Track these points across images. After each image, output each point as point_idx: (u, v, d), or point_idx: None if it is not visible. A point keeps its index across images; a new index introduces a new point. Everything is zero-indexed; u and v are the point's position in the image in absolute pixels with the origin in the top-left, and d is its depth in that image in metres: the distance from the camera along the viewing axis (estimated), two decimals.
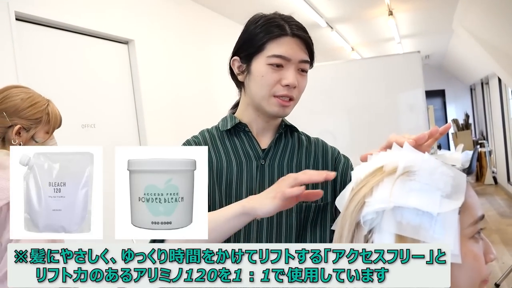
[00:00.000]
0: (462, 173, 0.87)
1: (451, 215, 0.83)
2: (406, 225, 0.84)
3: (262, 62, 1.56)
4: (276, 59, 1.54)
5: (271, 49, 1.55)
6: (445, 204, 0.83)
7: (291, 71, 1.55)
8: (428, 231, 0.83)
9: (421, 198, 0.83)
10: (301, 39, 1.57)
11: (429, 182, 0.84)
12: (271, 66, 1.55)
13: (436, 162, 0.87)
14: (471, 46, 7.60)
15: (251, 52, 1.59)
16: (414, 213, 0.83)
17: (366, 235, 0.88)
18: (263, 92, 1.58)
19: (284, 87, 1.56)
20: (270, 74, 1.55)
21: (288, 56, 1.54)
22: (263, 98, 1.59)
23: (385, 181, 0.87)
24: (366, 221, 0.87)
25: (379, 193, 0.86)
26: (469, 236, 0.88)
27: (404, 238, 0.85)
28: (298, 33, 1.57)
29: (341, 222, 0.92)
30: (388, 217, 0.85)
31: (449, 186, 0.84)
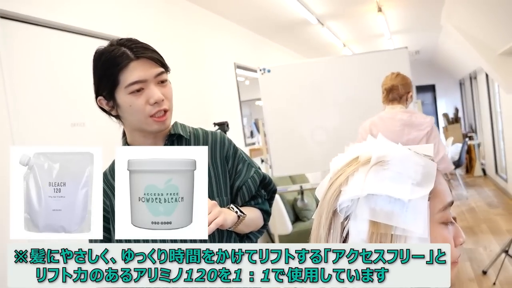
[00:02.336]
0: (433, 162, 0.90)
1: (421, 202, 0.85)
2: (379, 211, 0.85)
3: (124, 93, 1.57)
4: (134, 86, 1.55)
5: (125, 80, 1.55)
6: (416, 191, 0.85)
7: (152, 89, 1.57)
8: (400, 216, 0.85)
9: (393, 186, 0.85)
10: (147, 58, 1.58)
11: (401, 171, 0.86)
12: (133, 93, 1.56)
13: (408, 152, 0.90)
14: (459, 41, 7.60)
15: (110, 89, 1.59)
16: (387, 200, 0.85)
17: (342, 222, 0.89)
18: (138, 117, 1.60)
19: (153, 105, 1.58)
20: (136, 101, 1.57)
21: (143, 79, 1.56)
22: (140, 122, 1.61)
23: (360, 170, 0.89)
24: (342, 209, 0.88)
25: (354, 182, 0.88)
26: (439, 221, 0.89)
27: (378, 224, 0.86)
28: (140, 53, 1.58)
29: (319, 210, 0.94)
30: (362, 205, 0.87)
31: (420, 174, 0.86)
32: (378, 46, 10.59)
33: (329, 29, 7.79)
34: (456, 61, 11.64)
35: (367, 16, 7.35)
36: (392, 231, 0.85)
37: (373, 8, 6.79)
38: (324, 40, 8.69)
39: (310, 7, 6.27)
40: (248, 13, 6.15)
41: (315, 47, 9.49)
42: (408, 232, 0.85)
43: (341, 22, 7.70)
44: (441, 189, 0.90)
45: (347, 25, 8.02)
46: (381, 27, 8.13)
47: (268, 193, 1.91)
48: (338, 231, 0.89)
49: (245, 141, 6.24)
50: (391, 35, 9.24)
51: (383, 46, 10.55)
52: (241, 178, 1.79)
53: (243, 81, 6.48)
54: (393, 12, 7.31)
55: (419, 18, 8.06)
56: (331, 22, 7.52)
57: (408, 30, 9.28)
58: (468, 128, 13.87)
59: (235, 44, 6.44)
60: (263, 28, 7.07)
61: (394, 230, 0.85)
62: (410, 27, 8.98)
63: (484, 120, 10.84)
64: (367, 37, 9.63)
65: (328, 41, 8.82)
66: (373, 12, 6.98)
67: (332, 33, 8.14)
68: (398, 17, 7.79)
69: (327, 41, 8.89)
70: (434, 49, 12.37)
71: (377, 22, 7.65)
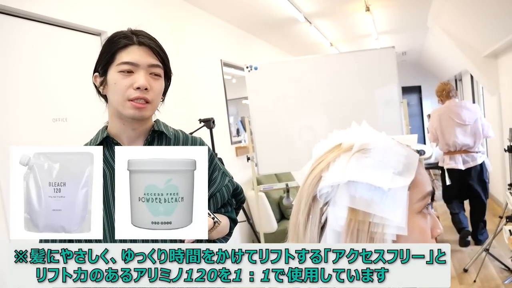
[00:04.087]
0: (415, 153, 0.89)
1: (400, 191, 0.85)
2: (359, 199, 0.85)
3: (114, 70, 1.60)
4: (124, 65, 1.59)
5: (120, 58, 1.60)
6: (396, 181, 0.85)
7: (141, 75, 1.59)
8: (379, 205, 0.84)
9: (374, 174, 0.85)
10: (148, 47, 1.63)
11: (383, 159, 0.86)
12: (122, 73, 1.59)
13: (391, 141, 0.89)
14: (445, 43, 7.63)
15: (105, 64, 1.63)
16: (367, 188, 0.85)
17: (321, 208, 0.89)
18: (118, 97, 1.60)
19: (136, 90, 1.58)
20: (121, 80, 1.59)
21: (135, 62, 1.59)
22: (118, 103, 1.61)
23: (341, 157, 0.89)
24: (322, 195, 0.88)
25: (335, 168, 0.88)
26: (417, 211, 0.89)
27: (356, 211, 0.85)
28: (144, 41, 1.63)
29: (299, 195, 0.93)
30: (342, 191, 0.86)
31: (401, 164, 0.86)
32: (365, 46, 10.53)
33: (317, 27, 7.74)
34: (442, 62, 11.66)
35: (355, 15, 7.32)
36: (370, 219, 0.85)
37: (361, 7, 6.77)
38: (311, 38, 8.64)
39: (298, 5, 6.23)
40: (235, 10, 6.09)
41: (302, 46, 9.45)
42: (386, 221, 0.84)
43: (328, 21, 7.66)
44: (421, 179, 0.90)
45: (334, 24, 7.98)
46: (368, 27, 8.09)
47: (237, 203, 1.95)
48: (317, 217, 0.89)
49: (231, 139, 6.19)
50: (378, 36, 9.20)
51: (370, 46, 10.47)
52: (216, 185, 1.81)
53: (230, 79, 6.40)
54: (380, 12, 7.29)
55: (406, 18, 8.04)
56: (319, 21, 7.47)
57: (395, 31, 9.26)
58: None
59: (222, 41, 6.35)
60: (251, 25, 7.00)
61: (372, 218, 0.84)
62: (397, 28, 8.96)
63: None
64: (354, 37, 9.59)
65: (315, 40, 8.77)
66: (361, 11, 6.96)
67: (319, 32, 8.08)
68: (386, 17, 7.77)
69: (314, 40, 8.84)
70: (420, 51, 12.37)
71: (365, 22, 7.62)
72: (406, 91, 14.34)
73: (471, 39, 6.80)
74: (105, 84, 1.64)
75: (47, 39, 3.12)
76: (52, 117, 3.05)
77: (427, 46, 11.17)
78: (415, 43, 11.06)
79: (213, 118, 4.31)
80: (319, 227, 0.89)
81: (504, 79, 6.86)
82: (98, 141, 1.68)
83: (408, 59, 13.51)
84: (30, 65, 2.94)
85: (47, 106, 3.02)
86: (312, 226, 0.89)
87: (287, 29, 7.68)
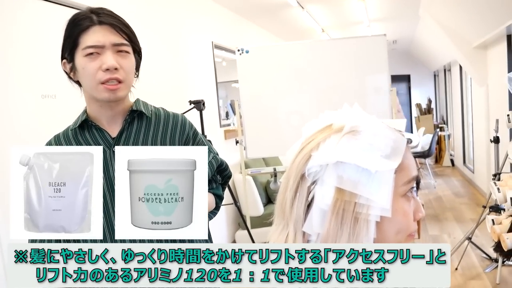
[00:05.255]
0: (403, 137, 0.91)
1: (387, 174, 0.86)
2: (346, 179, 0.86)
3: (81, 55, 1.56)
4: (89, 49, 1.54)
5: (83, 42, 1.55)
6: (383, 164, 0.86)
7: (108, 55, 1.55)
8: (365, 186, 0.85)
9: (362, 156, 0.86)
10: (110, 25, 1.58)
11: (372, 142, 0.87)
12: (88, 56, 1.55)
13: (381, 125, 0.90)
14: (435, 33, 7.61)
15: (70, 50, 1.59)
16: (355, 169, 0.86)
17: (309, 187, 0.89)
18: (89, 82, 1.58)
19: (105, 71, 1.55)
20: (89, 64, 1.55)
21: (99, 44, 1.55)
22: (91, 88, 1.59)
23: (331, 137, 0.90)
24: (310, 173, 0.89)
25: (325, 148, 0.89)
26: (402, 194, 0.90)
27: (343, 191, 0.86)
28: (105, 19, 1.57)
29: (288, 173, 0.94)
30: (330, 171, 0.87)
31: (389, 148, 0.87)
32: (356, 33, 10.38)
33: (309, 13, 7.62)
34: (432, 52, 11.65)
35: (347, 1, 7.20)
36: (356, 199, 0.85)
37: None
38: (303, 24, 8.52)
39: None
40: None
41: (294, 31, 9.34)
42: (371, 202, 0.85)
43: (321, 7, 7.55)
44: (407, 164, 0.91)
45: (327, 10, 7.86)
46: (360, 13, 7.98)
47: (223, 178, 1.93)
48: (304, 195, 0.90)
49: (220, 122, 6.13)
50: (370, 23, 9.11)
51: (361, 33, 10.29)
52: None
53: (220, 62, 6.33)
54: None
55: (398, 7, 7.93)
56: (311, 6, 7.37)
57: (387, 19, 9.16)
58: (440, 119, 13.94)
59: (214, 24, 6.28)
60: (243, 8, 6.90)
61: (358, 198, 0.85)
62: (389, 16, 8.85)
63: (456, 112, 10.94)
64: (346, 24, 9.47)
65: (307, 25, 8.65)
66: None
67: (311, 17, 7.97)
68: (378, 4, 7.65)
69: (306, 25, 8.72)
70: (411, 40, 12.28)
71: (357, 8, 7.52)
72: (395, 80, 14.27)
73: (461, 29, 6.79)
74: (75, 69, 1.61)
75: (37, 15, 3.05)
76: (41, 94, 3.00)
77: (418, 36, 11.13)
78: (406, 32, 10.98)
79: (203, 100, 4.23)
80: (305, 204, 0.90)
81: (492, 71, 6.87)
82: (77, 124, 1.67)
83: (399, 47, 13.42)
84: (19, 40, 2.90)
85: (36, 82, 2.97)
86: (299, 203, 0.90)
87: (280, 14, 7.60)
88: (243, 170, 5.34)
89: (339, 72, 4.97)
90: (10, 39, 2.84)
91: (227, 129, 6.27)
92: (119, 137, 1.68)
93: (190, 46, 5.42)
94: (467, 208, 7.43)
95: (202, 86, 5.65)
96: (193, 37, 5.52)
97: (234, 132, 6.06)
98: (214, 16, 6.33)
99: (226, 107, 6.57)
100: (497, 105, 6.66)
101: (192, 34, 5.48)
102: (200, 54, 5.70)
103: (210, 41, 5.99)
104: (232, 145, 5.84)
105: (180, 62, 5.09)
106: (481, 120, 7.61)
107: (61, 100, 3.11)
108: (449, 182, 9.77)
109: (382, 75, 4.89)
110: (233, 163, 6.01)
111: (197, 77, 5.51)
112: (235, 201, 4.85)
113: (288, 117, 5.07)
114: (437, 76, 14.46)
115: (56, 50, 1.98)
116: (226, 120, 6.44)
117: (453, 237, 5.99)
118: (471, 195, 8.31)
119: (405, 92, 15.38)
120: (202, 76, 5.70)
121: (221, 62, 6.42)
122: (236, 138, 5.43)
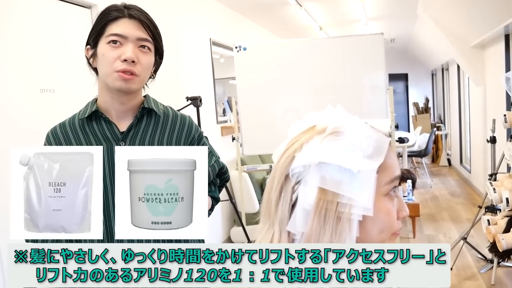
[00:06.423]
0: (386, 137, 0.92)
1: (369, 174, 0.87)
2: (329, 179, 0.87)
3: (103, 42, 1.60)
4: (113, 37, 1.59)
5: (109, 30, 1.60)
6: (365, 164, 0.87)
7: (129, 47, 1.59)
8: (348, 186, 0.86)
9: (344, 156, 0.87)
10: (138, 20, 1.63)
11: (354, 142, 0.88)
12: (110, 44, 1.59)
13: (363, 125, 0.91)
14: (433, 32, 7.61)
15: (95, 36, 1.63)
16: (337, 169, 0.87)
17: (293, 187, 0.90)
18: (105, 68, 1.60)
19: (123, 62, 1.58)
20: (109, 52, 1.59)
21: (124, 34, 1.59)
22: (106, 74, 1.61)
23: (315, 138, 0.91)
24: (294, 174, 0.90)
25: (308, 149, 0.90)
26: (385, 193, 0.91)
27: (326, 191, 0.87)
28: (134, 14, 1.63)
29: (273, 174, 0.95)
30: (313, 171, 0.88)
31: (371, 147, 0.88)
32: (354, 31, 10.36)
33: (307, 10, 7.60)
34: (430, 51, 11.63)
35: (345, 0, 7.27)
36: (338, 199, 0.86)
37: None
38: (301, 21, 8.50)
39: None
40: None
41: (292, 29, 9.32)
42: (354, 201, 0.86)
43: (318, 5, 7.53)
44: (390, 163, 0.92)
45: (324, 8, 7.84)
46: (358, 12, 7.95)
47: (221, 181, 1.95)
48: (288, 195, 0.90)
49: (217, 119, 6.13)
50: (368, 21, 9.08)
51: (359, 32, 10.29)
52: None
53: (218, 59, 6.31)
54: None
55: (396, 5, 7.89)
56: (309, 4, 7.34)
57: (385, 17, 9.13)
58: (437, 119, 13.95)
59: (212, 20, 6.28)
60: (241, 5, 6.88)
61: (340, 198, 0.86)
62: (387, 15, 8.82)
63: (453, 111, 10.95)
64: (343, 22, 9.44)
65: (304, 23, 8.62)
66: None
67: (309, 15, 7.96)
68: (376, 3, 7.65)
69: (304, 23, 8.70)
70: (409, 39, 12.26)
71: (355, 7, 7.50)
72: (393, 78, 14.27)
73: (459, 29, 6.79)
74: (95, 56, 1.64)
75: (37, 10, 3.05)
76: (40, 88, 3.00)
77: (416, 35, 11.11)
78: (404, 30, 10.95)
79: (200, 96, 4.22)
80: (290, 204, 0.90)
81: (490, 70, 6.87)
82: (86, 114, 1.67)
83: (396, 46, 13.37)
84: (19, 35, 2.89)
85: (35, 76, 2.97)
86: (284, 203, 0.91)
87: (277, 11, 7.59)
88: (239, 167, 5.34)
89: (336, 70, 4.96)
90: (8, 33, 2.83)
91: (223, 126, 6.26)
92: (127, 132, 1.69)
93: (188, 43, 5.40)
94: (463, 208, 7.42)
95: (199, 82, 5.64)
96: (191, 33, 5.50)
97: (231, 129, 6.05)
98: (213, 13, 6.31)
99: (223, 103, 6.55)
100: (494, 105, 6.66)
101: (190, 30, 5.46)
102: (198, 51, 5.69)
103: (208, 37, 5.98)
104: (229, 142, 5.83)
105: (178, 58, 5.07)
106: (478, 120, 7.62)
107: (59, 95, 3.10)
108: (446, 182, 9.78)
109: (379, 73, 4.89)
110: (229, 159, 6.01)
111: (194, 74, 5.50)
112: (231, 198, 4.85)
113: (284, 115, 5.05)
114: (435, 75, 14.48)
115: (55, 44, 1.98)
116: (223, 117, 6.43)
117: (449, 237, 5.98)
118: (468, 195, 8.31)
119: (402, 91, 15.38)
120: (200, 73, 5.69)
121: (219, 59, 6.41)
122: (232, 135, 5.43)
